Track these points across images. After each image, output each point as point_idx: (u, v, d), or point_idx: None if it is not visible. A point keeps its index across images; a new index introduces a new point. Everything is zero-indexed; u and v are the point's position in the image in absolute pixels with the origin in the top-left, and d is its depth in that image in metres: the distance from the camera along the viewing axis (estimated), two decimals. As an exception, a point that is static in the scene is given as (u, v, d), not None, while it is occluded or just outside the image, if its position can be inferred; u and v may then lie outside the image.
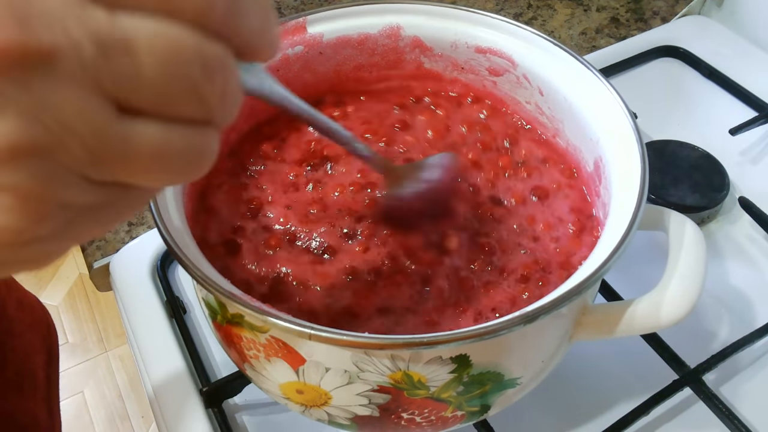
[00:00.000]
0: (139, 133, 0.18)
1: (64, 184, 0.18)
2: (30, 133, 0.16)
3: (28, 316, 0.54)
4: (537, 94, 0.43)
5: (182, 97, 0.18)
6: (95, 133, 0.17)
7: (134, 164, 0.18)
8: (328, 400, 0.33)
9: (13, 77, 0.16)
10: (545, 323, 0.30)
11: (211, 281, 0.30)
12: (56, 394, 0.56)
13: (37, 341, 0.54)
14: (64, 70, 0.16)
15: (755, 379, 0.45)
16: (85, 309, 1.60)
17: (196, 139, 0.19)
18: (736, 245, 0.52)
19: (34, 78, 0.16)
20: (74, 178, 0.18)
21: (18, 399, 0.49)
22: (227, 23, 0.18)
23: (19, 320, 0.52)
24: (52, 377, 0.56)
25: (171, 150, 0.19)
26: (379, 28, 0.44)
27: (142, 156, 0.18)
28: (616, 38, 0.72)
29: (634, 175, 0.34)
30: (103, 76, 0.17)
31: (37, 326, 0.55)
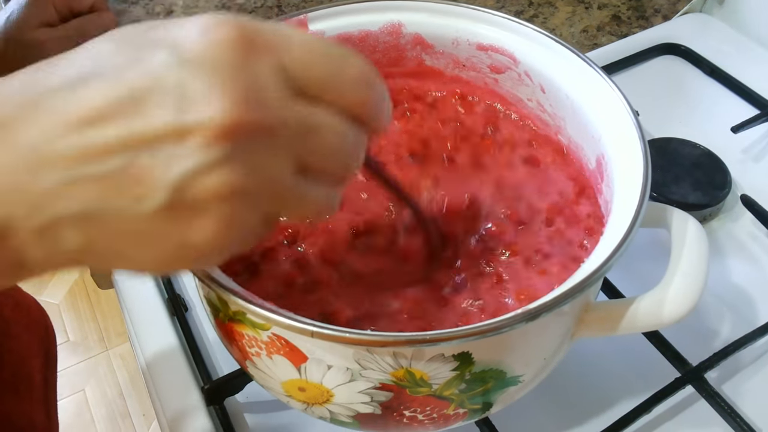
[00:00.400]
0: (309, 191, 0.25)
1: (252, 217, 0.24)
2: (245, 181, 0.22)
3: (25, 317, 0.54)
4: (539, 91, 0.43)
5: (339, 166, 0.26)
6: (281, 185, 0.24)
7: (295, 208, 0.25)
8: (330, 397, 0.33)
9: (246, 142, 0.22)
10: (547, 321, 0.30)
11: (213, 278, 0.30)
12: (54, 397, 0.56)
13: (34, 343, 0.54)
14: (277, 142, 0.23)
15: (757, 376, 0.45)
16: (86, 307, 1.61)
17: (335, 194, 0.27)
18: (738, 243, 0.52)
19: (258, 145, 0.22)
20: (259, 216, 0.24)
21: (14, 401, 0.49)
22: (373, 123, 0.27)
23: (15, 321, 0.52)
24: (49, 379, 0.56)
25: (322, 203, 0.26)
26: (380, 25, 0.44)
27: (305, 207, 0.26)
28: (617, 36, 0.72)
29: (636, 172, 0.34)
30: (298, 149, 0.24)
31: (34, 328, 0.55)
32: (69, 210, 0.22)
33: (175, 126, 0.21)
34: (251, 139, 0.22)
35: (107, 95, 0.22)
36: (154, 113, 0.22)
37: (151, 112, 0.22)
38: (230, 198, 0.22)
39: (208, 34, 0.22)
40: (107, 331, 1.56)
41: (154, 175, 0.22)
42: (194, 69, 0.22)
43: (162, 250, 0.23)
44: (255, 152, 0.23)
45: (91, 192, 0.22)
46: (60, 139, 0.22)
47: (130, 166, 0.22)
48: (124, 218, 0.22)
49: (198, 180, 0.22)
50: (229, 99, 0.22)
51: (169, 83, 0.22)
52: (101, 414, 1.42)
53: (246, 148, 0.22)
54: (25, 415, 0.50)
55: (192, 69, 0.22)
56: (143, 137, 0.22)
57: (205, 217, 0.23)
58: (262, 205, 0.24)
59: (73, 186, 0.22)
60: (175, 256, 0.24)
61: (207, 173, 0.22)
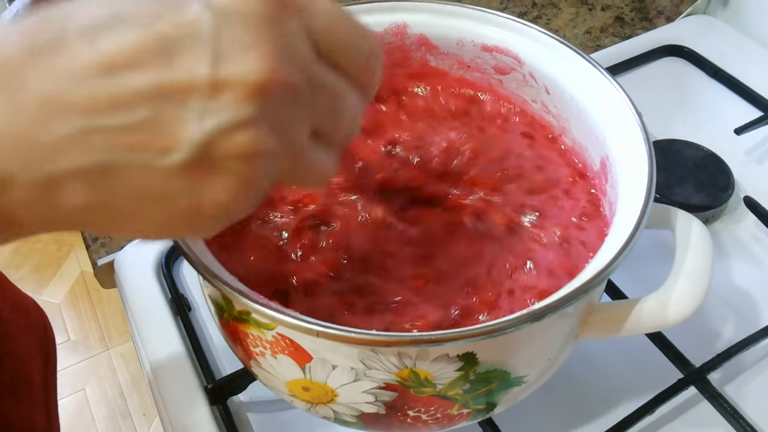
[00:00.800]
0: (317, 153, 0.25)
1: (267, 180, 0.23)
2: (270, 143, 0.22)
3: (24, 319, 0.54)
4: (543, 92, 0.43)
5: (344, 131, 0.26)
6: (300, 150, 0.24)
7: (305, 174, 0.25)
8: (334, 397, 0.33)
9: (276, 102, 0.22)
10: (552, 321, 0.30)
11: (218, 277, 0.30)
12: (54, 398, 0.56)
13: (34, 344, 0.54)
14: (302, 103, 0.23)
15: (760, 378, 0.45)
16: (87, 307, 1.61)
17: (335, 160, 0.27)
18: (741, 245, 0.52)
19: (285, 106, 0.22)
20: (272, 179, 0.24)
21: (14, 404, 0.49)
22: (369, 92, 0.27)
23: (14, 323, 0.52)
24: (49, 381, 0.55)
25: (327, 168, 0.26)
26: (385, 26, 0.44)
27: (312, 169, 0.25)
28: (620, 37, 0.72)
29: (641, 173, 0.34)
30: (317, 109, 0.24)
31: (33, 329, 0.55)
32: (82, 163, 0.21)
33: (210, 78, 0.21)
34: (281, 98, 0.22)
35: (135, 42, 0.21)
36: (188, 63, 0.21)
37: (185, 62, 0.21)
38: (254, 158, 0.22)
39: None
40: (108, 331, 1.56)
41: (184, 128, 0.21)
42: (230, 20, 0.21)
43: (172, 211, 0.22)
44: (281, 112, 0.22)
45: (110, 144, 0.21)
46: (79, 85, 0.20)
47: (158, 117, 0.21)
48: (143, 173, 0.21)
49: (227, 137, 0.21)
50: (265, 55, 0.21)
51: (204, 34, 0.21)
52: (102, 413, 1.42)
53: (275, 107, 0.22)
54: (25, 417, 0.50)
55: (228, 20, 0.21)
56: (175, 88, 0.21)
57: (226, 176, 0.22)
58: (278, 165, 0.23)
59: (91, 136, 0.20)
60: (184, 218, 0.23)
61: (237, 131, 0.21)
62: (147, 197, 0.22)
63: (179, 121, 0.21)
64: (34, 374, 0.53)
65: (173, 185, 0.22)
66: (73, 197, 0.21)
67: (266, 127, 0.22)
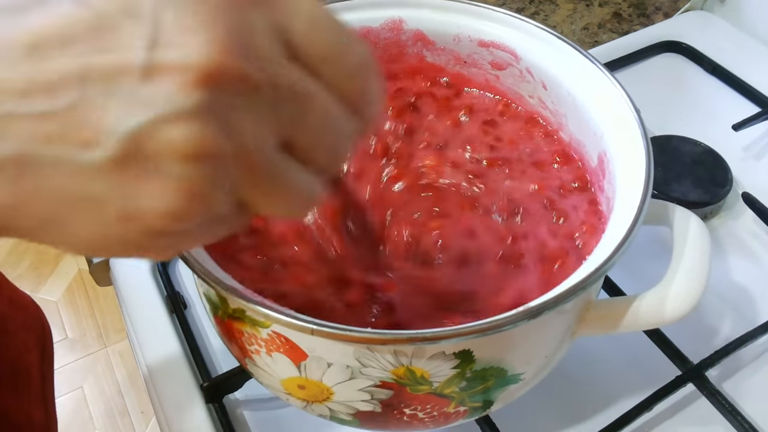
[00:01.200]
0: (288, 170, 0.21)
1: (219, 192, 0.20)
2: (218, 141, 0.19)
3: (22, 314, 0.54)
4: (540, 88, 0.42)
5: (327, 151, 0.22)
6: (261, 158, 0.20)
7: (272, 191, 0.21)
8: (330, 395, 0.33)
9: (226, 96, 0.19)
10: (549, 318, 0.30)
11: (212, 276, 0.30)
12: (51, 393, 0.56)
13: (31, 340, 0.54)
14: (261, 103, 0.20)
15: (758, 375, 0.45)
16: (85, 304, 1.60)
17: (316, 185, 0.23)
18: (739, 241, 0.52)
19: (239, 102, 0.19)
20: (226, 189, 0.20)
21: (13, 398, 0.49)
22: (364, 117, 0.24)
23: (11, 318, 0.52)
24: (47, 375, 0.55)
25: (302, 191, 0.22)
26: (381, 21, 0.44)
27: (282, 187, 0.22)
28: (618, 33, 0.72)
29: (638, 169, 0.34)
30: (283, 114, 0.21)
31: (30, 324, 0.55)
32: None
33: (145, 61, 0.18)
34: (232, 92, 0.19)
35: (65, 19, 0.18)
36: (122, 44, 0.18)
37: (116, 43, 0.18)
38: (197, 160, 0.19)
39: None
40: (106, 329, 1.56)
41: (110, 118, 0.18)
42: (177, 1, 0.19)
43: (101, 219, 0.19)
44: (234, 109, 0.19)
45: (29, 131, 0.18)
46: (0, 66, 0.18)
47: (82, 104, 0.18)
48: (63, 168, 0.18)
49: (161, 130, 0.18)
50: (214, 38, 0.18)
51: (145, 13, 0.18)
52: (99, 411, 1.42)
53: (224, 102, 0.19)
54: (23, 411, 0.50)
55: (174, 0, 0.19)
56: (103, 71, 0.18)
57: (163, 179, 0.19)
58: (233, 177, 0.20)
59: (8, 123, 0.18)
60: (117, 230, 0.20)
61: (173, 123, 0.18)
62: (68, 199, 0.19)
63: (105, 109, 0.18)
64: (31, 368, 0.53)
65: (98, 186, 0.19)
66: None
67: (212, 122, 0.19)
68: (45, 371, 0.55)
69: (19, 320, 0.53)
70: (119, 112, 0.18)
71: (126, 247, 0.21)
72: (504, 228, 0.38)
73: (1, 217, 0.19)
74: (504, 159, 0.42)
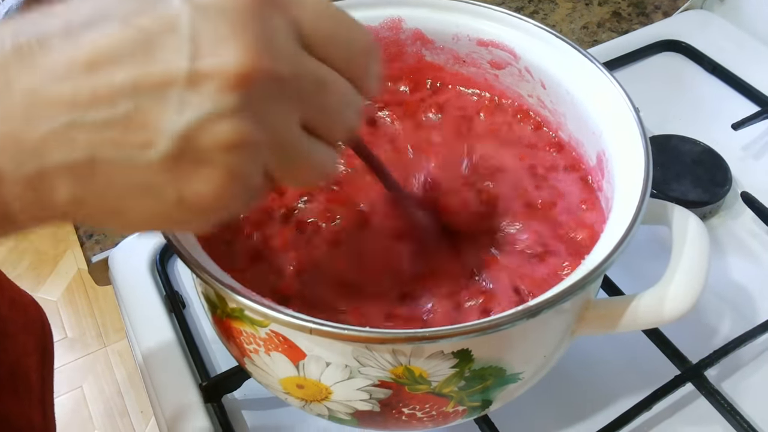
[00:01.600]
0: (311, 146, 0.25)
1: (255, 172, 0.23)
2: (254, 132, 0.22)
3: (22, 316, 0.54)
4: (539, 87, 0.42)
5: (342, 125, 0.26)
6: (290, 141, 0.24)
7: (298, 166, 0.25)
8: (328, 395, 0.33)
9: (258, 93, 0.22)
10: (548, 318, 0.30)
11: (211, 275, 0.30)
12: (51, 396, 0.56)
13: (31, 342, 0.54)
14: (287, 94, 0.23)
15: (757, 374, 0.45)
16: (84, 304, 1.60)
17: (334, 156, 0.26)
18: (738, 240, 0.52)
19: (270, 96, 0.22)
20: (260, 171, 0.24)
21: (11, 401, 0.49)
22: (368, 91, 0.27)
23: (12, 320, 0.52)
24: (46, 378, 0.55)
25: (323, 162, 0.26)
26: (380, 20, 0.44)
27: (305, 161, 0.25)
28: (617, 32, 0.72)
29: (637, 169, 0.34)
30: (306, 103, 0.24)
31: (31, 327, 0.55)
32: (66, 158, 0.21)
33: (189, 71, 0.21)
34: (264, 89, 0.22)
35: (116, 38, 0.21)
36: (167, 57, 0.21)
37: (164, 57, 0.21)
38: (238, 149, 0.22)
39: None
40: (105, 328, 1.56)
41: (163, 121, 0.21)
42: (210, 14, 0.22)
43: (160, 205, 0.23)
44: (266, 103, 0.22)
45: (94, 138, 0.21)
46: (62, 82, 0.21)
47: (138, 111, 0.21)
48: (126, 167, 0.22)
49: (208, 128, 0.21)
50: (244, 46, 0.21)
51: (184, 28, 0.21)
52: (99, 411, 1.42)
53: (258, 98, 0.22)
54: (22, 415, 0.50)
55: (207, 14, 0.21)
56: (154, 82, 0.21)
57: (210, 167, 0.22)
58: (266, 157, 0.23)
59: (74, 131, 0.21)
60: (172, 211, 0.23)
61: (218, 121, 0.21)
62: (131, 191, 0.22)
63: (158, 114, 0.21)
64: (30, 372, 0.52)
65: (157, 178, 0.22)
66: (61, 192, 0.22)
67: (249, 117, 0.22)
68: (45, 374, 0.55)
69: (19, 322, 0.53)
70: (170, 116, 0.21)
71: (173, 225, 0.25)
72: None
73: (68, 209, 0.22)
74: None
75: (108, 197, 0.22)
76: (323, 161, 0.26)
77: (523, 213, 0.39)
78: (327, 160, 0.26)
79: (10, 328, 0.51)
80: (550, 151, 0.42)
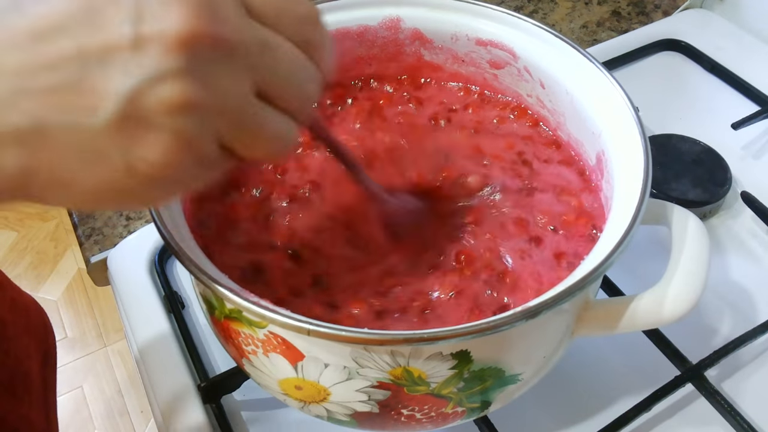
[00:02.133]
0: (266, 114, 0.25)
1: (206, 139, 0.23)
2: (201, 95, 0.22)
3: (24, 318, 0.54)
4: (538, 86, 0.42)
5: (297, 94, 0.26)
6: (241, 107, 0.24)
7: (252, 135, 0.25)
8: (327, 396, 0.33)
9: (203, 56, 0.22)
10: (547, 319, 0.30)
11: (209, 276, 0.29)
12: (53, 398, 0.56)
13: (33, 344, 0.54)
14: (234, 58, 0.23)
15: (757, 374, 0.45)
16: (84, 304, 1.60)
17: (292, 127, 0.26)
18: (738, 240, 0.52)
19: (216, 60, 0.22)
20: (211, 138, 0.23)
21: (13, 404, 0.49)
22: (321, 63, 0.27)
23: (13, 323, 0.51)
24: (48, 380, 0.55)
25: (280, 132, 0.25)
26: (378, 20, 0.43)
27: (260, 130, 0.25)
28: (617, 32, 0.71)
29: (637, 168, 0.34)
30: (256, 69, 0.24)
31: (32, 328, 0.55)
32: (14, 125, 0.21)
33: (131, 36, 0.21)
34: (209, 52, 0.22)
35: (62, 8, 0.21)
36: (110, 23, 0.21)
37: (107, 23, 0.21)
38: (184, 111, 0.22)
39: None
40: (105, 328, 1.56)
41: (108, 85, 0.21)
42: None
43: (109, 172, 0.23)
44: (212, 66, 0.22)
45: (40, 104, 0.21)
46: (10, 51, 0.21)
47: (84, 76, 0.21)
48: (73, 132, 0.22)
49: (152, 90, 0.22)
50: (187, 10, 0.22)
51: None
52: (99, 411, 1.42)
53: (203, 61, 0.22)
54: (24, 417, 0.50)
55: None
56: (99, 47, 0.21)
57: (157, 131, 0.22)
58: (216, 122, 0.23)
59: (20, 98, 0.21)
60: (122, 180, 0.23)
61: (161, 83, 0.22)
62: (79, 158, 0.22)
63: (104, 78, 0.21)
64: (32, 374, 0.52)
65: (104, 143, 0.22)
66: (9, 161, 0.22)
67: (193, 79, 0.22)
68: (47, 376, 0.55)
69: (20, 324, 0.53)
70: (115, 80, 0.21)
71: (125, 197, 0.24)
72: None
73: (19, 183, 0.23)
74: None
75: (57, 166, 0.22)
76: (279, 130, 0.26)
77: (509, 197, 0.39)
78: (284, 129, 0.26)
79: (10, 330, 0.51)
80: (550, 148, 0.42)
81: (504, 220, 0.38)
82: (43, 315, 0.58)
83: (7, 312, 0.51)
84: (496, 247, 0.37)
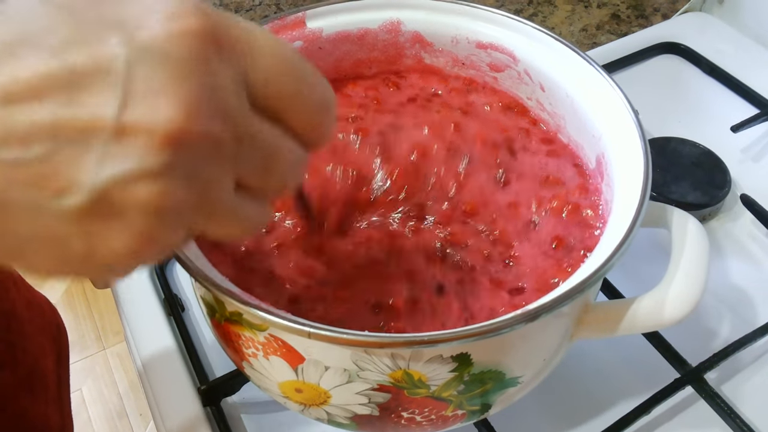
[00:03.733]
0: (241, 204, 0.23)
1: (176, 231, 0.22)
2: (180, 195, 0.20)
3: (38, 316, 0.54)
4: (538, 90, 0.42)
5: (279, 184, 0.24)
6: (218, 201, 0.22)
7: (227, 224, 0.23)
8: (327, 399, 0.33)
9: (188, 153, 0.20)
10: (547, 322, 0.30)
11: (209, 278, 0.29)
12: (67, 395, 0.56)
13: (47, 342, 0.54)
14: (223, 156, 0.21)
15: (757, 377, 0.45)
16: (83, 306, 1.60)
17: (267, 211, 0.25)
18: (738, 243, 0.52)
19: (201, 157, 0.21)
20: (182, 229, 0.22)
21: (30, 400, 0.49)
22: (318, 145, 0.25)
23: (29, 321, 0.52)
24: (62, 378, 0.55)
25: (254, 220, 0.24)
26: (379, 23, 0.44)
27: (235, 223, 0.24)
28: (616, 35, 0.72)
29: (636, 171, 0.34)
30: (244, 165, 0.22)
31: (47, 327, 0.55)
32: None
33: (115, 121, 0.19)
34: (196, 150, 0.20)
35: (41, 72, 0.19)
36: (95, 102, 0.19)
37: (91, 100, 0.19)
38: (158, 212, 0.20)
39: (171, 22, 0.20)
40: (104, 330, 1.56)
41: (81, 172, 0.19)
42: (149, 60, 0.19)
43: (65, 254, 0.21)
44: (197, 164, 0.21)
45: (5, 177, 0.19)
46: None
47: (55, 156, 0.19)
48: (33, 212, 0.20)
49: (128, 187, 0.20)
50: (181, 103, 0.20)
51: (118, 71, 0.19)
52: (98, 413, 1.42)
53: (188, 159, 0.20)
54: (40, 414, 0.50)
55: (146, 59, 0.19)
56: (76, 126, 0.19)
57: (124, 227, 0.20)
58: (190, 216, 0.22)
59: None
60: (79, 264, 0.21)
61: (140, 181, 0.20)
62: (39, 238, 0.20)
63: (77, 163, 0.19)
64: (48, 371, 0.53)
65: (65, 230, 0.20)
66: None
67: (175, 179, 0.20)
68: (61, 373, 0.55)
69: (36, 323, 0.53)
70: (89, 168, 0.19)
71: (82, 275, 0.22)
72: None
73: None
74: None
75: (10, 240, 0.20)
76: (254, 215, 0.24)
77: None
78: (257, 216, 0.24)
79: (27, 328, 0.51)
80: None
81: None
82: (56, 314, 0.58)
83: (24, 310, 0.51)
84: None
